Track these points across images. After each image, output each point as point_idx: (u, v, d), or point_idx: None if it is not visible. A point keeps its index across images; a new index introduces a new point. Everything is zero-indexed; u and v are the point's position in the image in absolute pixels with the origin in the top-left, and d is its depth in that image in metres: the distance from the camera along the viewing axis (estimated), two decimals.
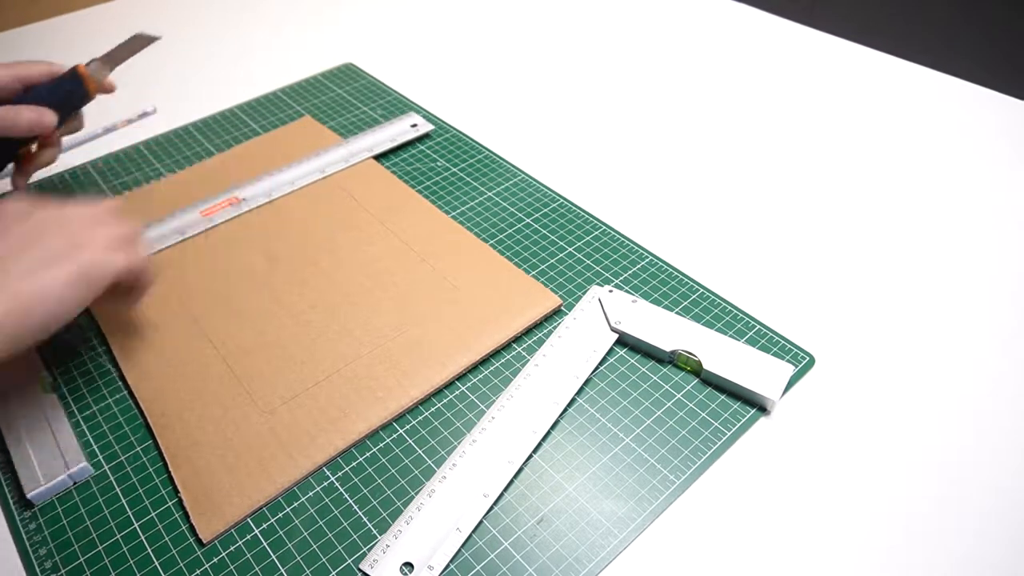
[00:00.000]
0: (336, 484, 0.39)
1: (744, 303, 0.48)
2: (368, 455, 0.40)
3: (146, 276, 0.42)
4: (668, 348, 0.44)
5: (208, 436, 0.41)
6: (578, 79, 0.72)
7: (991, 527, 0.36)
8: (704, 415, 0.41)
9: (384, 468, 0.40)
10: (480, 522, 0.37)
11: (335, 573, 0.35)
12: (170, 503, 0.38)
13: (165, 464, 0.40)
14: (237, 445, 0.40)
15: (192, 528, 0.37)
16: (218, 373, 0.44)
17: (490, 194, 0.57)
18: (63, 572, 0.36)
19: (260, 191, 0.57)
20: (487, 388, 0.43)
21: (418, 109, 0.67)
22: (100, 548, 0.36)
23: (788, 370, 0.42)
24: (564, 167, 0.60)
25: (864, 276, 0.50)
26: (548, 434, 0.41)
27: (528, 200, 0.56)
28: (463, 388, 0.43)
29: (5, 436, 0.41)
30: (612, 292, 0.47)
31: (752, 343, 0.45)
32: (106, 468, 0.40)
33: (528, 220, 0.55)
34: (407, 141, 0.62)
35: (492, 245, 0.52)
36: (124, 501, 0.38)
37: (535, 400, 0.42)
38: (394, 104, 0.68)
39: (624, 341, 0.45)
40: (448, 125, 0.65)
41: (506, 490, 0.38)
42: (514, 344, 0.46)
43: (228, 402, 0.42)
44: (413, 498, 0.38)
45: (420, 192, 0.58)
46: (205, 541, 0.36)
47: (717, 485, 0.39)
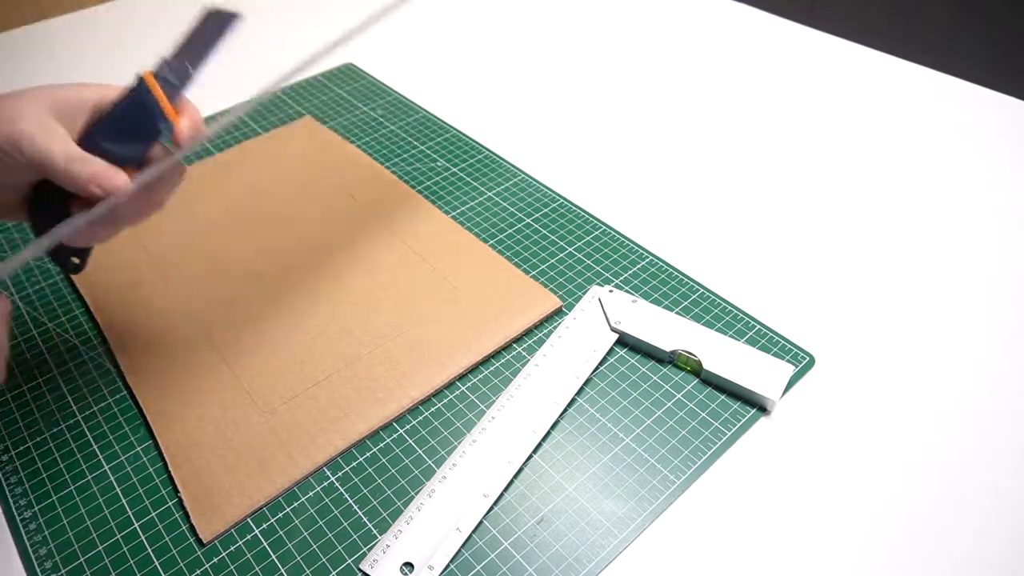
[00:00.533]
0: (336, 484, 0.39)
1: (744, 303, 0.48)
2: (368, 455, 0.40)
3: None
4: (668, 348, 0.44)
5: (208, 436, 0.41)
6: (578, 79, 0.72)
7: (991, 527, 0.36)
8: (704, 415, 0.41)
9: (384, 468, 0.40)
10: (480, 522, 0.37)
11: (335, 573, 0.35)
12: (170, 503, 0.38)
13: (165, 464, 0.40)
14: (237, 445, 0.40)
15: (192, 528, 0.37)
16: (218, 373, 0.44)
17: (490, 194, 0.57)
18: (63, 572, 0.36)
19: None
20: (487, 388, 0.43)
21: (418, 109, 0.67)
22: (100, 548, 0.36)
23: (788, 370, 0.42)
24: (564, 167, 0.60)
25: (864, 276, 0.50)
26: (548, 434, 0.41)
27: (528, 200, 0.56)
28: (463, 388, 0.43)
29: None
30: (612, 292, 0.47)
31: (752, 343, 0.45)
32: (106, 468, 0.40)
33: (528, 220, 0.55)
34: None
35: (492, 245, 0.52)
36: (124, 501, 0.38)
37: (535, 400, 0.42)
38: (394, 104, 0.68)
39: (624, 341, 0.45)
40: (448, 125, 0.65)
41: (506, 490, 0.38)
42: (514, 344, 0.46)
43: (228, 402, 0.42)
44: (413, 498, 0.38)
45: (420, 192, 0.57)
46: (205, 541, 0.36)
47: (717, 485, 0.39)
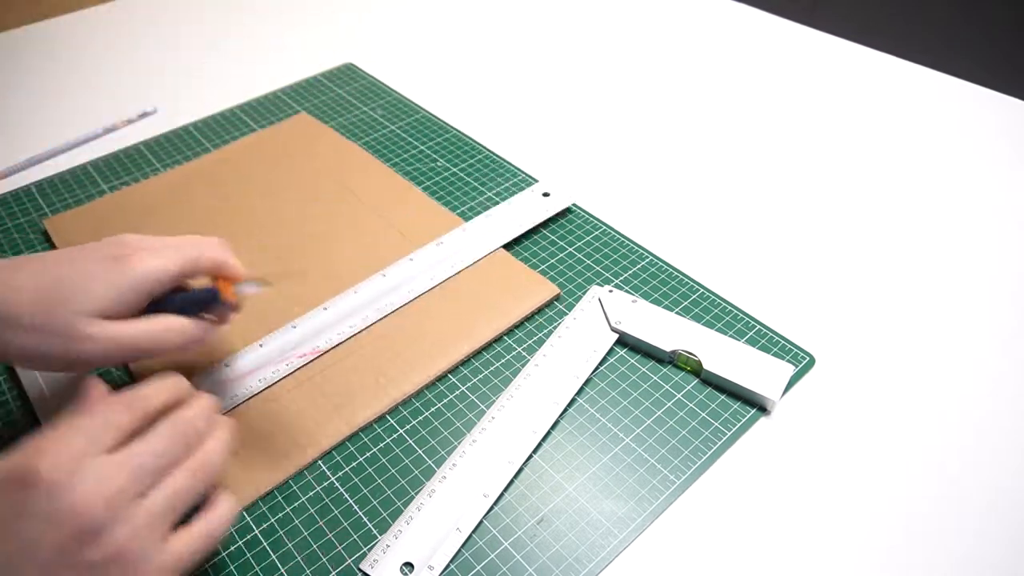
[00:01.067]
0: (336, 484, 0.39)
1: (744, 303, 0.48)
2: (368, 455, 0.40)
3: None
4: (668, 348, 0.44)
5: None
6: (578, 79, 0.72)
7: (991, 527, 0.36)
8: (704, 415, 0.41)
9: (384, 468, 0.40)
10: (480, 522, 0.37)
11: (335, 573, 0.35)
12: None
13: None
14: (241, 434, 0.40)
15: None
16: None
17: (490, 194, 0.57)
18: None
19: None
20: (487, 388, 0.43)
21: (418, 109, 0.67)
22: None
23: (788, 370, 0.42)
24: (564, 167, 0.60)
25: (864, 276, 0.50)
26: (548, 434, 0.41)
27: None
28: (463, 388, 0.43)
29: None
30: (612, 292, 0.47)
31: (752, 343, 0.45)
32: None
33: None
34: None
35: None
36: None
37: (535, 400, 0.42)
38: (394, 104, 0.68)
39: (624, 341, 0.45)
40: (448, 125, 0.65)
41: (506, 490, 0.38)
42: (514, 343, 0.46)
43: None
44: (413, 498, 0.38)
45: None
46: None
47: (717, 485, 0.39)
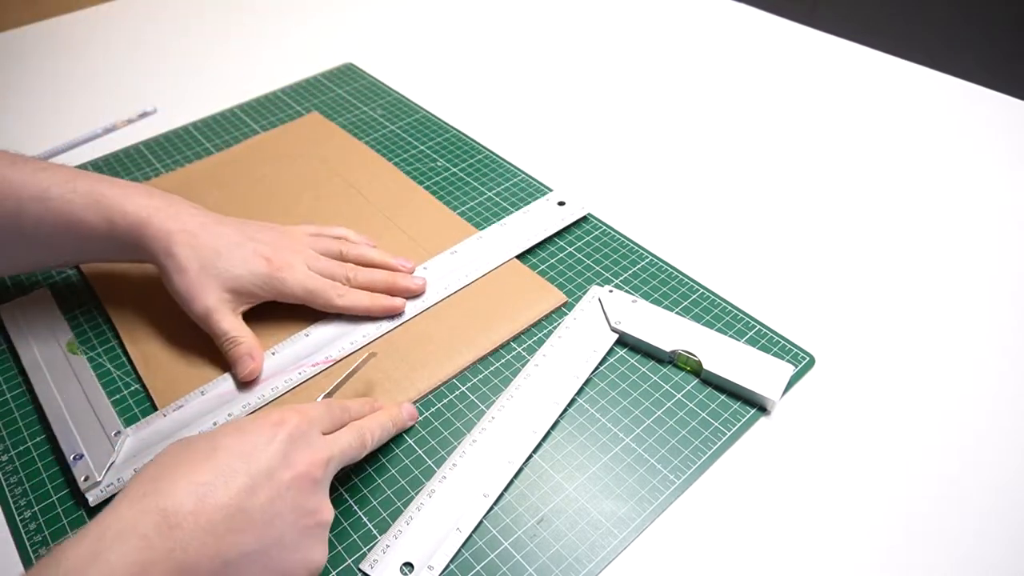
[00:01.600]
0: (336, 484, 0.39)
1: (744, 303, 0.48)
2: (368, 455, 0.40)
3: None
4: (668, 348, 0.44)
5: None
6: (578, 79, 0.72)
7: (991, 527, 0.36)
8: (704, 415, 0.41)
9: (384, 468, 0.40)
10: (480, 522, 0.37)
11: (335, 573, 0.35)
12: None
13: None
14: None
15: None
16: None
17: (490, 194, 0.57)
18: None
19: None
20: (487, 388, 0.43)
21: (418, 109, 0.67)
22: None
23: (788, 370, 0.42)
24: (564, 167, 0.60)
25: (864, 276, 0.50)
26: (548, 434, 0.41)
27: (528, 200, 0.56)
28: (463, 388, 0.43)
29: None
30: (612, 292, 0.47)
31: (752, 343, 0.45)
32: None
33: None
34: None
35: None
36: None
37: (535, 400, 0.42)
38: (394, 104, 0.68)
39: (624, 341, 0.45)
40: (448, 125, 0.65)
41: (506, 490, 0.38)
42: (514, 344, 0.46)
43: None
44: (413, 498, 0.38)
45: None
46: None
47: (717, 485, 0.39)
